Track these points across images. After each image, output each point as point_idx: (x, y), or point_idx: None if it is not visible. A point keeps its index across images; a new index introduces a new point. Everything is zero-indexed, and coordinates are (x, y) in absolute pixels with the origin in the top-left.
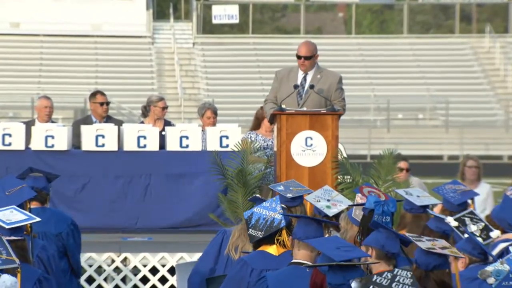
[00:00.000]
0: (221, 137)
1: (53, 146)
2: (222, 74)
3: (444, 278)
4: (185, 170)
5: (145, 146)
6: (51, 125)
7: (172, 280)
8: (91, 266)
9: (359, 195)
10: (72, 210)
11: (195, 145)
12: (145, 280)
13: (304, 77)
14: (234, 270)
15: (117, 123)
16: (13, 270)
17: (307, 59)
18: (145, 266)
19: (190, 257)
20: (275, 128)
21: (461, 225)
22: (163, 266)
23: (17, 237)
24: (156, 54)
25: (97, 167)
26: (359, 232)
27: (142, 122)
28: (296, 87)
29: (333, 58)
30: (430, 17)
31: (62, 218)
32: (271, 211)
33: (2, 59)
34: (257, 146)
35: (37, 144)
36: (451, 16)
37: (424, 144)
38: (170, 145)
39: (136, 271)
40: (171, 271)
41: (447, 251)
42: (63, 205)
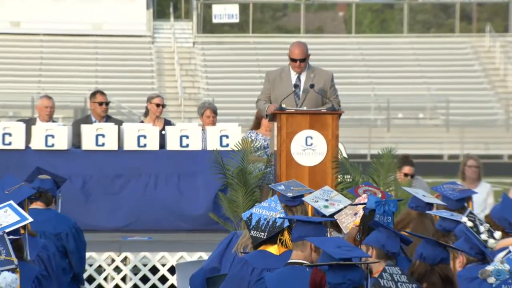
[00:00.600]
0: (221, 137)
1: (53, 145)
2: (222, 73)
3: (448, 272)
4: (185, 169)
5: (145, 145)
6: (51, 124)
7: (172, 279)
8: (91, 265)
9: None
10: (71, 209)
11: (195, 145)
12: (145, 279)
13: (298, 77)
14: (235, 269)
15: (117, 123)
16: (12, 269)
17: (302, 61)
18: (145, 265)
19: (190, 257)
20: (275, 127)
21: (474, 225)
22: (163, 265)
23: (14, 237)
24: (156, 53)
25: (97, 166)
26: (359, 231)
27: (142, 121)
28: (296, 86)
29: (334, 57)
30: (430, 16)
31: (63, 219)
32: (271, 211)
33: (2, 58)
34: (257, 145)
35: (37, 143)
36: (451, 15)
37: (424, 143)
38: (170, 144)
39: (136, 270)
40: (171, 270)
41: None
42: (63, 204)
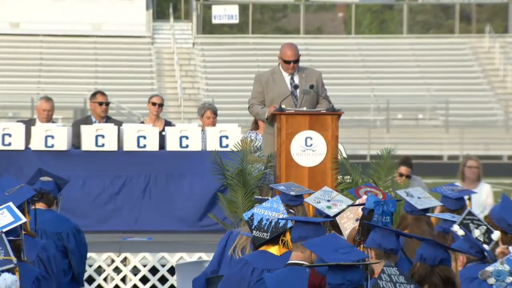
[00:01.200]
0: (221, 137)
1: (53, 146)
2: (222, 74)
3: (448, 274)
4: (185, 170)
5: (145, 146)
6: (51, 125)
7: (172, 280)
8: (91, 266)
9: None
10: (71, 210)
11: (195, 145)
12: (145, 280)
13: (292, 78)
14: (235, 269)
15: (117, 123)
16: (11, 269)
17: (295, 62)
18: (145, 266)
19: (189, 257)
20: (275, 128)
21: (467, 231)
22: (163, 266)
23: (13, 238)
24: (156, 54)
25: (97, 167)
26: (358, 232)
27: (142, 122)
28: (296, 87)
29: (333, 58)
30: (430, 17)
31: (64, 220)
32: (273, 211)
33: (2, 59)
34: (257, 145)
35: (37, 144)
36: (451, 16)
37: (424, 144)
38: (170, 145)
39: (136, 271)
40: (171, 271)
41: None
42: (62, 205)
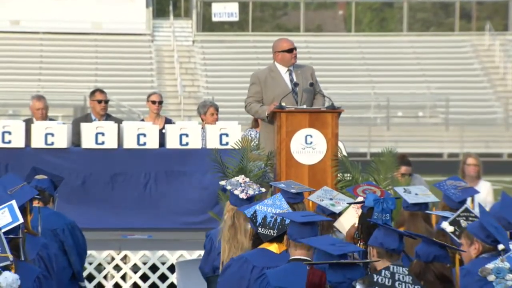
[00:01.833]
0: (221, 135)
1: (53, 144)
2: (222, 72)
3: (443, 271)
4: (185, 168)
5: (145, 144)
6: (51, 123)
7: (172, 278)
8: (91, 263)
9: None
10: (71, 207)
11: (195, 143)
12: (145, 277)
13: (290, 75)
14: (234, 267)
15: (117, 121)
16: (7, 266)
17: (296, 49)
18: (145, 264)
19: (189, 255)
20: (275, 126)
21: (457, 227)
22: (163, 264)
23: (12, 236)
24: (155, 52)
25: (97, 165)
26: (357, 229)
27: (142, 120)
28: (296, 84)
29: (333, 56)
30: (430, 15)
31: (60, 216)
32: (277, 208)
33: (2, 56)
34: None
35: (37, 142)
36: (451, 14)
37: (424, 142)
38: (170, 143)
39: (136, 268)
40: (171, 268)
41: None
42: (62, 203)
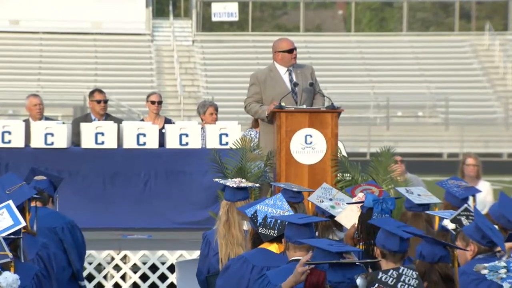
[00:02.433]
0: (220, 135)
1: (52, 143)
2: (221, 71)
3: (448, 271)
4: (185, 167)
5: (144, 143)
6: (51, 122)
7: (171, 277)
8: (91, 263)
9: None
10: (71, 207)
11: (194, 143)
12: (144, 277)
13: (289, 75)
14: (234, 266)
15: (116, 121)
16: (7, 264)
17: (296, 49)
18: (144, 263)
19: (189, 255)
20: (275, 125)
21: (458, 226)
22: (163, 263)
23: (13, 236)
24: (155, 51)
25: (97, 164)
26: (357, 229)
27: (142, 120)
28: (296, 84)
29: (333, 55)
30: (429, 14)
31: (59, 216)
32: (278, 209)
33: (1, 56)
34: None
35: (36, 141)
36: (450, 13)
37: (423, 142)
38: (169, 142)
39: (135, 268)
40: (171, 268)
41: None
42: (61, 203)
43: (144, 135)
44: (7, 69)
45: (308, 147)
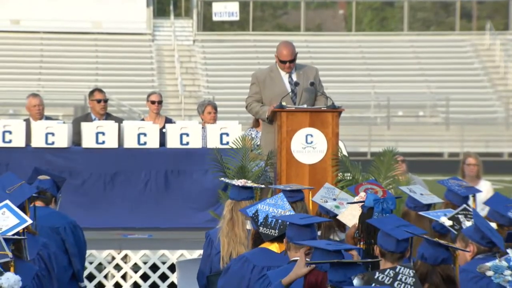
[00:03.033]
0: (221, 134)
1: (53, 143)
2: (222, 71)
3: (449, 273)
4: (185, 167)
5: (145, 143)
6: (51, 122)
7: (172, 277)
8: (91, 263)
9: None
10: (72, 207)
11: (195, 142)
12: (145, 277)
13: (289, 76)
14: (235, 266)
15: (117, 121)
16: (7, 264)
17: (291, 62)
18: (145, 263)
19: (190, 254)
20: (275, 125)
21: (456, 223)
22: (164, 263)
23: (17, 237)
24: (156, 51)
25: (97, 164)
26: (357, 229)
27: (142, 119)
28: (296, 84)
29: (333, 55)
30: (430, 14)
31: (61, 216)
32: (279, 208)
33: (2, 56)
34: (258, 143)
35: (37, 141)
36: (451, 13)
37: (424, 141)
38: (170, 142)
39: (136, 268)
40: (172, 268)
41: (456, 245)
42: (62, 202)
43: (144, 134)
44: (8, 69)
45: (308, 146)
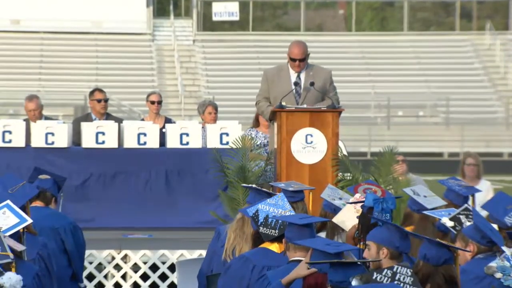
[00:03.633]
0: (221, 134)
1: (53, 143)
2: (222, 71)
3: (452, 273)
4: (185, 167)
5: (145, 143)
6: (51, 122)
7: (172, 277)
8: (91, 263)
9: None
10: (72, 207)
11: (195, 142)
12: (145, 277)
13: (298, 76)
14: (235, 266)
15: (117, 121)
16: (8, 264)
17: (301, 61)
18: (145, 263)
19: (190, 254)
20: (275, 125)
21: (457, 223)
22: (163, 263)
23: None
24: (156, 51)
25: (97, 164)
26: (357, 229)
27: (142, 119)
28: (296, 84)
29: (334, 55)
30: (430, 14)
31: (61, 216)
32: (279, 208)
33: (2, 56)
34: (257, 143)
35: (37, 141)
36: (451, 13)
37: (424, 141)
38: (170, 142)
39: (136, 268)
40: (171, 268)
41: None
42: (63, 202)
43: (144, 134)
44: (8, 69)
45: (308, 146)
